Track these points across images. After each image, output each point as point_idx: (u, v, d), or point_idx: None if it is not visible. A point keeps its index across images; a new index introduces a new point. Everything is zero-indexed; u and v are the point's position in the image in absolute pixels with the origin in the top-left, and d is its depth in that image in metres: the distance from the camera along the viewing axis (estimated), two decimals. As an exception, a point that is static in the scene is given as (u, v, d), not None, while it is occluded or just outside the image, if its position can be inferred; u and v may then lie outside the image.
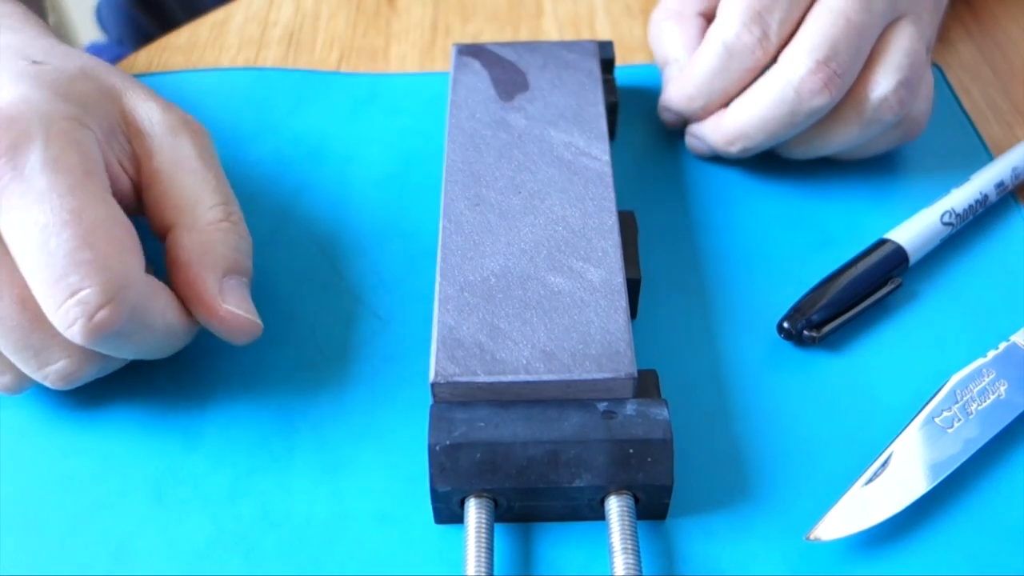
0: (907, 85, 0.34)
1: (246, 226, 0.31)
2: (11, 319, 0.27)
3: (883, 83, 0.34)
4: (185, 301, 0.29)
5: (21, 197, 0.26)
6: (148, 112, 0.31)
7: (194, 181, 0.30)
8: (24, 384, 0.29)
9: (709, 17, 0.37)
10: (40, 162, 0.26)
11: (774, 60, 0.35)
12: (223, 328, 0.29)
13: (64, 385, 0.29)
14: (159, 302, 0.28)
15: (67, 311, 0.26)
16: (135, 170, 0.30)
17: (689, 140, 0.39)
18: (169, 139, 0.30)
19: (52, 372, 0.28)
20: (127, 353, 0.29)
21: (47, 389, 0.30)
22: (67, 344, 0.27)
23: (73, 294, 0.26)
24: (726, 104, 0.36)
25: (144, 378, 0.31)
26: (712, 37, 0.35)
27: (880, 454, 0.28)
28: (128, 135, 0.30)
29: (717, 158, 0.39)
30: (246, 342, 0.30)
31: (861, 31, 0.33)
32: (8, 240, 0.26)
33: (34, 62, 0.30)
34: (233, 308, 0.29)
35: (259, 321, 0.30)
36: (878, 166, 0.39)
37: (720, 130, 0.36)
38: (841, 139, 0.36)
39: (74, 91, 0.29)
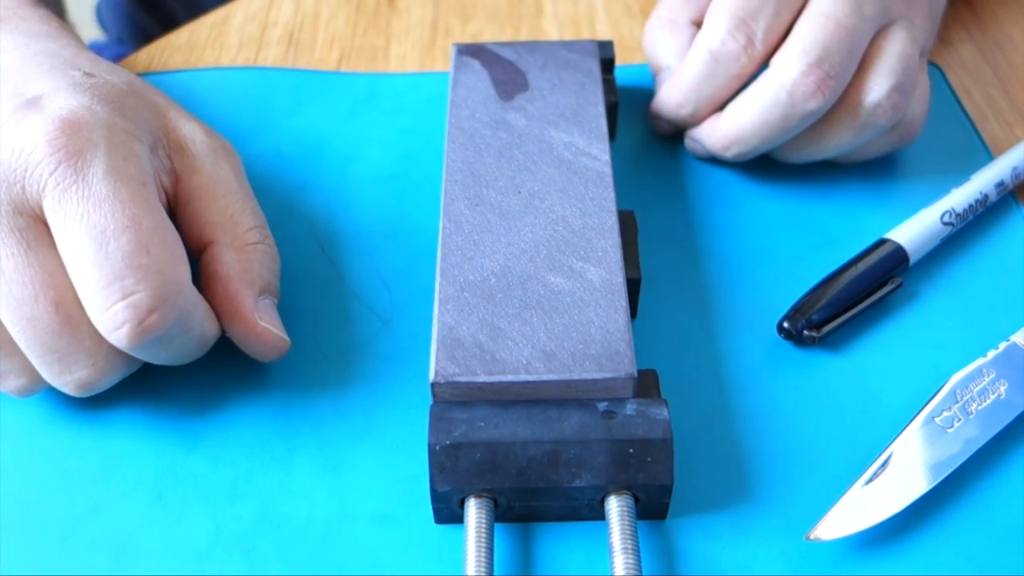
0: (900, 89, 0.34)
1: (277, 249, 0.32)
2: (43, 321, 0.27)
3: (876, 88, 0.34)
4: (221, 314, 0.30)
5: (83, 201, 0.27)
6: (191, 132, 0.32)
7: (234, 201, 0.31)
8: (37, 388, 0.29)
9: (702, 25, 0.37)
10: (103, 169, 0.27)
11: (762, 67, 0.35)
12: (257, 344, 0.30)
13: (81, 393, 0.29)
14: (199, 311, 0.29)
15: (116, 313, 0.26)
16: (172, 185, 0.31)
17: (688, 143, 0.39)
18: (211, 159, 0.31)
19: (72, 380, 0.28)
20: (158, 359, 0.29)
21: (48, 389, 0.30)
22: (93, 352, 0.28)
23: (125, 297, 0.26)
24: (718, 110, 0.36)
25: (144, 379, 0.31)
26: (698, 44, 0.35)
27: (880, 454, 0.28)
28: (169, 151, 0.31)
29: (716, 159, 0.39)
30: (274, 359, 0.31)
31: (852, 34, 0.33)
32: (61, 241, 0.27)
33: (86, 74, 0.30)
34: (267, 325, 0.30)
35: (288, 339, 0.31)
36: (878, 167, 0.39)
37: (716, 135, 0.36)
38: (836, 143, 0.36)
39: (126, 105, 0.30)
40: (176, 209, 0.31)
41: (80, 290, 0.27)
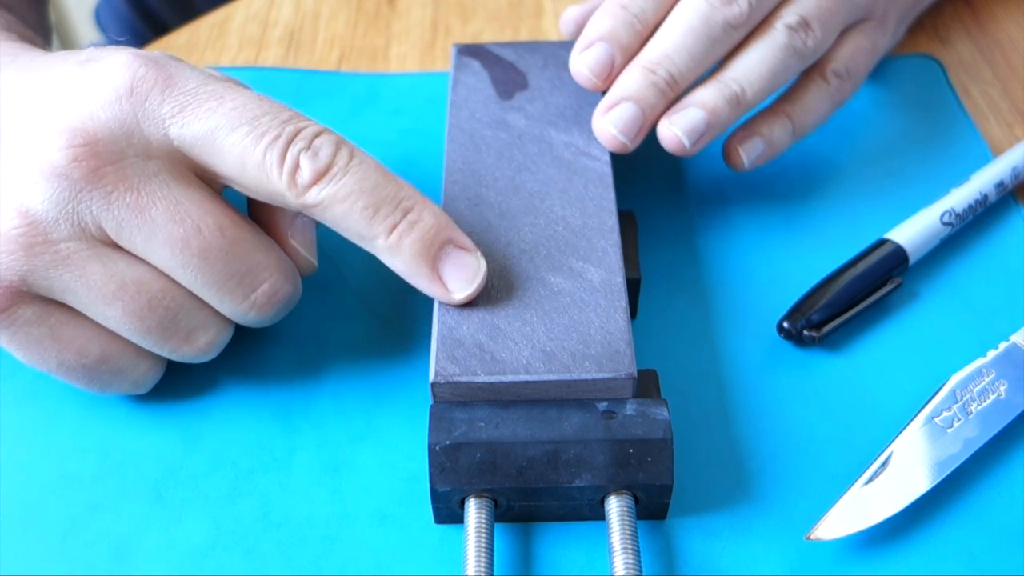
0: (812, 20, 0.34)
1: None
2: (215, 248, 0.27)
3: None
4: (260, 223, 0.30)
5: (211, 111, 0.27)
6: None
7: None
8: (224, 336, 0.30)
9: None
10: (195, 75, 0.28)
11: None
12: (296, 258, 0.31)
13: (270, 311, 0.29)
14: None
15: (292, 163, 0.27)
16: None
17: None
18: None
19: (262, 295, 0.29)
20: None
21: (44, 389, 0.30)
22: (268, 262, 0.28)
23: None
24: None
25: (144, 378, 0.31)
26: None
27: (880, 454, 0.28)
28: None
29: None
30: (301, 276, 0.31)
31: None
32: (201, 146, 0.27)
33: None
34: (297, 245, 0.30)
35: (315, 263, 0.31)
36: (878, 166, 0.39)
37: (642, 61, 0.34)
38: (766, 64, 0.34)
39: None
40: None
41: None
